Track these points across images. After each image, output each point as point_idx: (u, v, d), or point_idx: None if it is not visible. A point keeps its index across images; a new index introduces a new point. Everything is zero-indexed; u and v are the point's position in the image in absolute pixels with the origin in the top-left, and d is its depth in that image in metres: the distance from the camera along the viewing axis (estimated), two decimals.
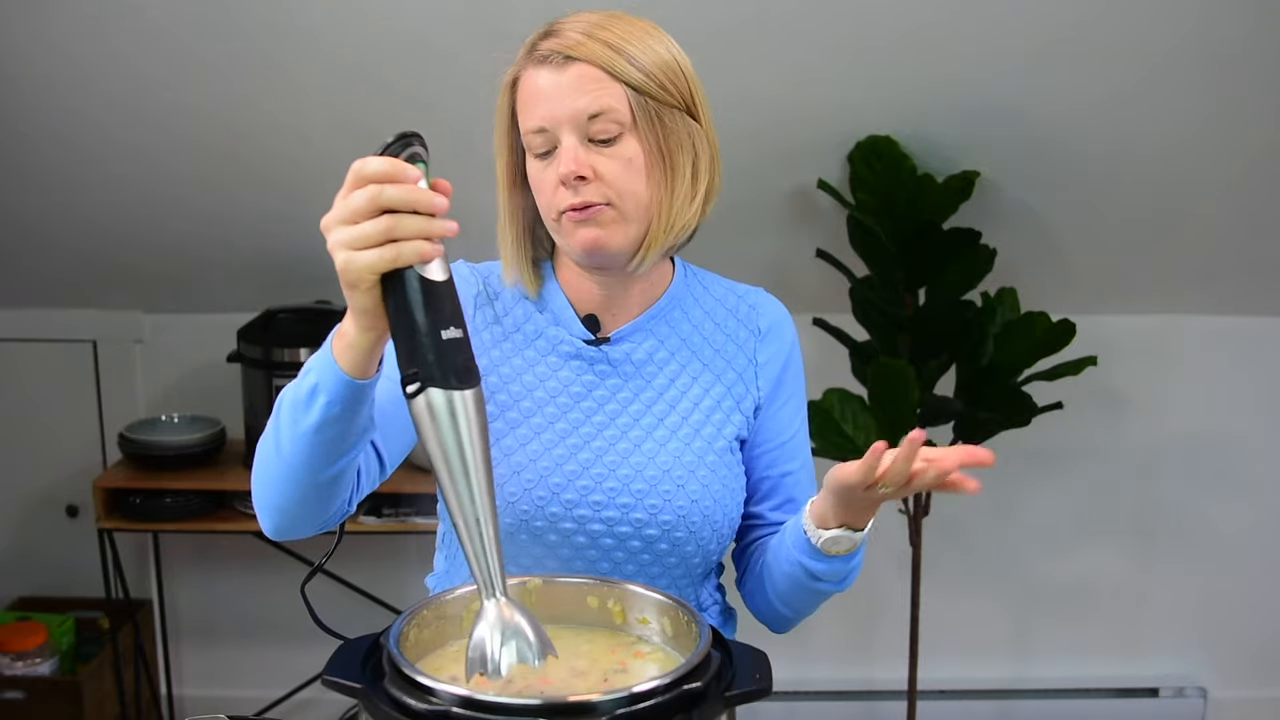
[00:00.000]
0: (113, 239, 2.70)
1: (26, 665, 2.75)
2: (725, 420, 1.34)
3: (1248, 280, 2.81)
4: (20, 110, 2.41)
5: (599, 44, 1.21)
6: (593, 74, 1.21)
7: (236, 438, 2.79)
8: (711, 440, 1.32)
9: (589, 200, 1.22)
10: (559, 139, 1.22)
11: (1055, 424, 2.60)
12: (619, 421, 1.31)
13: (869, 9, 2.19)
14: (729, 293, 1.41)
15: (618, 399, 1.31)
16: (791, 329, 1.41)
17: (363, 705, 0.97)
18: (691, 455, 1.30)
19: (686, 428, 1.31)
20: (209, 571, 3.03)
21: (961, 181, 2.42)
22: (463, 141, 2.59)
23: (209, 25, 2.22)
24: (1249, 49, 2.23)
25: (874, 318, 2.55)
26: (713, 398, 1.34)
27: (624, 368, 1.32)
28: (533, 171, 1.27)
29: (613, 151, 1.22)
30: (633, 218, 1.24)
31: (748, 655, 1.03)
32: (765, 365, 1.37)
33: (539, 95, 1.23)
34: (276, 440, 1.11)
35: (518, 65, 1.27)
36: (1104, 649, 3.05)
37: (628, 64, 1.21)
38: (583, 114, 1.21)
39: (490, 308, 1.35)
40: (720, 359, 1.36)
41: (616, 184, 1.22)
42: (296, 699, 2.92)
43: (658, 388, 1.33)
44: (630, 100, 1.21)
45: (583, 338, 1.33)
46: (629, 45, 1.22)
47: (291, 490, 1.13)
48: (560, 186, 1.23)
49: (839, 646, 3.06)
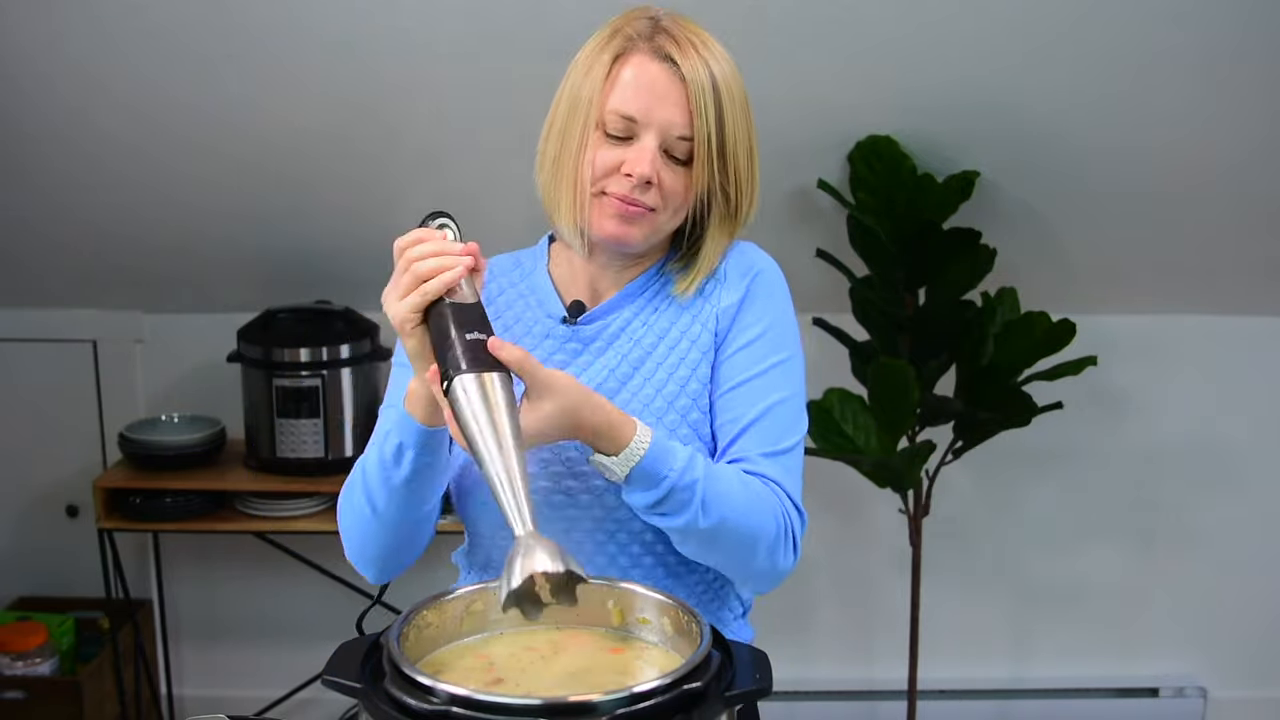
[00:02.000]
0: (113, 239, 2.70)
1: (26, 665, 2.75)
2: (690, 377, 1.33)
3: (1248, 280, 2.81)
4: (21, 110, 2.41)
5: (706, 70, 1.28)
6: (694, 102, 1.27)
7: (236, 438, 2.79)
8: (673, 399, 1.32)
9: (643, 202, 1.29)
10: (641, 134, 1.28)
11: (1055, 424, 2.60)
12: None
13: (869, 9, 2.19)
14: (716, 256, 1.40)
15: (588, 373, 1.34)
16: (763, 275, 1.38)
17: (363, 705, 0.97)
18: (650, 416, 1.31)
19: (649, 388, 1.32)
20: (209, 571, 3.03)
21: (961, 181, 2.42)
22: (462, 141, 2.60)
23: (210, 25, 2.22)
24: (1249, 49, 2.23)
25: (874, 318, 2.55)
26: (678, 355, 1.34)
27: (594, 344, 1.36)
28: (597, 144, 1.30)
29: (681, 171, 1.30)
30: (663, 228, 1.33)
31: (748, 655, 1.04)
32: (727, 309, 1.36)
33: (645, 87, 1.28)
34: (369, 501, 1.29)
35: (627, 42, 1.30)
36: (1104, 649, 3.05)
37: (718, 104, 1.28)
38: (675, 128, 1.28)
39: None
40: (687, 316, 1.36)
41: (671, 200, 1.30)
42: (296, 699, 2.92)
43: (632, 361, 1.34)
44: (711, 141, 1.28)
45: (559, 318, 1.38)
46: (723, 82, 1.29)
47: (390, 539, 1.32)
48: (621, 175, 1.28)
49: (839, 646, 3.06)
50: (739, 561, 1.28)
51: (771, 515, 1.26)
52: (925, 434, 2.57)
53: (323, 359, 2.61)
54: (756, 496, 1.26)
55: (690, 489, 1.21)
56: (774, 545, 1.27)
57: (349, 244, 2.68)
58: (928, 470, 2.60)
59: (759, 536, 1.25)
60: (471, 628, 1.15)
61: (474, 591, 1.15)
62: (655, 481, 1.20)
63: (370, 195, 2.59)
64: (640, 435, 1.20)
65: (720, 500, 1.22)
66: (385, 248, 1.23)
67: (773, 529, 1.26)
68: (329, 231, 2.67)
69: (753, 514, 1.25)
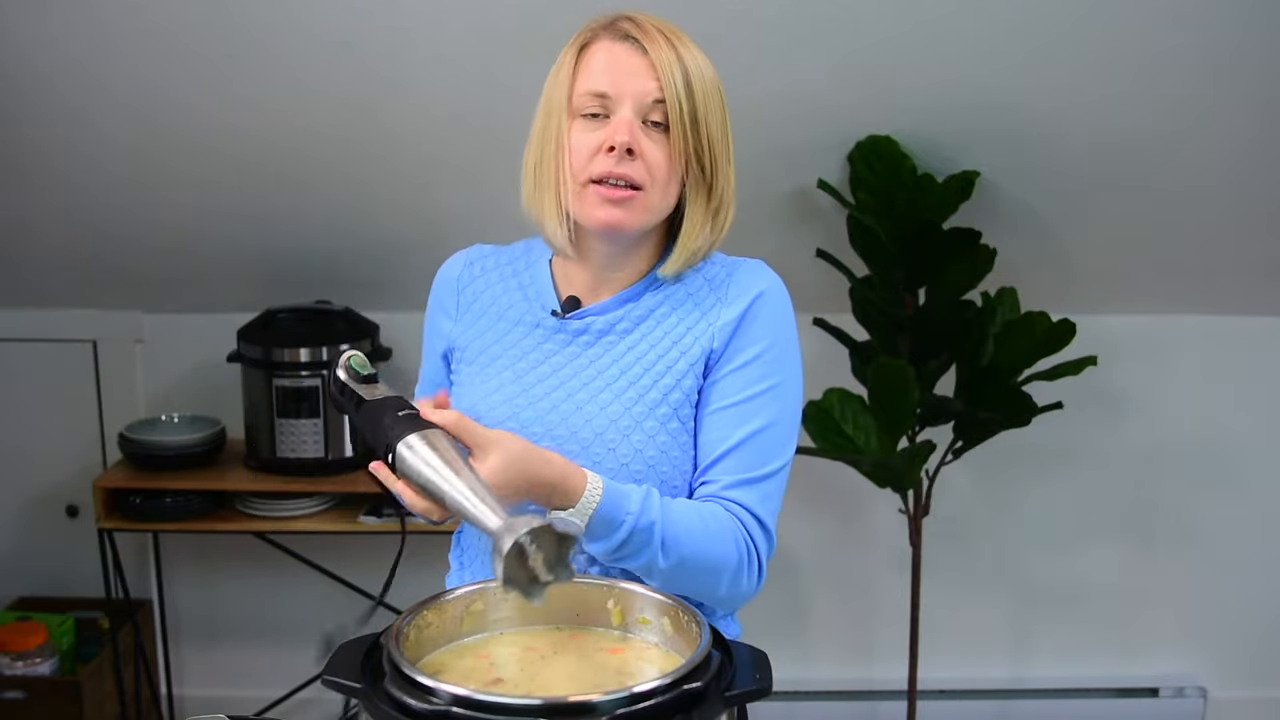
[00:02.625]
0: (113, 239, 2.70)
1: (26, 665, 2.75)
2: (674, 386, 1.34)
3: (1248, 280, 2.81)
4: (20, 110, 2.41)
5: (670, 47, 1.30)
6: (660, 69, 1.29)
7: (236, 438, 2.79)
8: (654, 405, 1.33)
9: (628, 174, 1.29)
10: (616, 108, 1.30)
11: (1055, 424, 2.60)
12: (567, 385, 1.35)
13: (869, 9, 2.19)
14: (717, 265, 1.41)
15: (572, 365, 1.36)
16: (766, 295, 1.37)
17: (363, 705, 0.97)
18: (629, 420, 1.32)
19: (632, 392, 1.33)
20: (209, 571, 3.03)
21: (961, 181, 2.41)
22: (462, 141, 2.59)
23: (209, 25, 2.22)
24: (1248, 49, 2.23)
25: (874, 318, 2.55)
26: (665, 364, 1.35)
27: (582, 338, 1.38)
28: (574, 133, 1.32)
29: (660, 141, 1.30)
30: (655, 208, 1.33)
31: (748, 655, 1.04)
32: (724, 326, 1.35)
33: (611, 64, 1.30)
34: None
35: (590, 33, 1.34)
36: (1104, 649, 3.05)
37: (685, 75, 1.30)
38: (648, 95, 1.29)
39: (472, 285, 1.46)
40: (682, 325, 1.37)
41: (655, 170, 1.31)
42: (296, 699, 2.92)
43: (614, 356, 1.36)
44: (682, 104, 1.29)
45: (550, 310, 1.40)
46: (692, 62, 1.31)
47: None
48: (602, 153, 1.29)
49: (839, 646, 3.06)
50: (702, 591, 1.30)
51: (733, 544, 1.28)
52: (925, 434, 2.57)
53: (323, 359, 2.61)
54: (716, 529, 1.28)
55: (648, 530, 1.23)
56: (736, 574, 1.29)
57: (349, 244, 2.68)
58: (928, 470, 2.60)
59: (720, 568, 1.28)
60: (471, 628, 1.15)
61: (474, 591, 1.16)
62: (614, 527, 1.22)
63: (370, 195, 2.59)
64: (592, 483, 1.21)
65: (678, 539, 1.24)
66: (385, 248, 1.24)
67: (734, 558, 1.28)
68: (329, 231, 2.67)
69: (712, 546, 1.27)
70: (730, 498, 1.31)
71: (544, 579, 1.03)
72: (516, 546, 1.01)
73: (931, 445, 2.43)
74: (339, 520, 2.64)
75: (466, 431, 1.17)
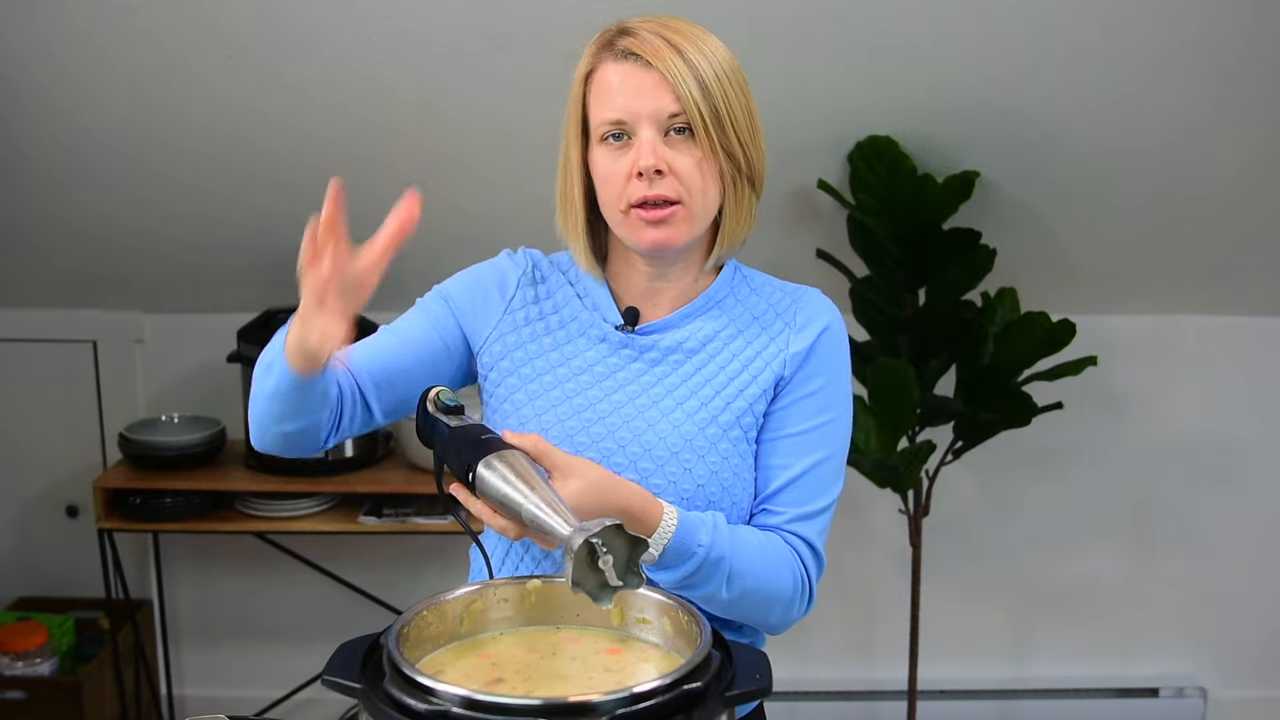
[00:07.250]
0: (113, 239, 2.70)
1: (27, 665, 2.75)
2: (746, 409, 1.34)
3: (1248, 280, 2.81)
4: (17, 113, 2.41)
5: (674, 52, 1.27)
6: (672, 80, 1.27)
7: (236, 438, 2.79)
8: (727, 428, 1.33)
9: (664, 194, 1.28)
10: (636, 131, 1.28)
11: (1055, 424, 2.60)
12: (637, 401, 1.34)
13: (869, 9, 2.19)
14: (778, 290, 1.42)
15: (640, 381, 1.35)
16: (831, 330, 1.38)
17: (363, 705, 0.97)
18: (704, 440, 1.32)
19: (704, 412, 1.33)
20: (209, 571, 3.03)
21: (961, 181, 2.42)
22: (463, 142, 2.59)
23: (205, 27, 2.22)
24: (1248, 49, 2.23)
25: (874, 318, 2.55)
26: (736, 387, 1.34)
27: (649, 354, 1.36)
28: (601, 161, 1.31)
29: (686, 148, 1.29)
30: (699, 216, 1.31)
31: (748, 655, 1.03)
32: (795, 355, 1.36)
33: (621, 88, 1.28)
34: (254, 384, 1.31)
35: (592, 59, 1.32)
36: (1104, 649, 3.05)
37: (698, 76, 1.27)
38: (664, 111, 1.27)
39: (533, 289, 1.42)
40: (751, 349, 1.37)
41: (688, 180, 1.29)
42: (296, 699, 2.92)
43: (683, 374, 1.35)
44: (700, 109, 1.27)
45: (614, 324, 1.38)
46: (701, 58, 1.28)
47: (261, 427, 1.32)
48: (633, 178, 1.28)
49: (839, 646, 3.06)
50: (754, 619, 1.33)
51: (790, 576, 1.31)
52: (925, 434, 2.57)
53: None
54: (775, 561, 1.30)
55: (718, 564, 1.24)
56: (789, 604, 1.32)
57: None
58: (928, 470, 2.60)
59: (776, 599, 1.30)
60: (471, 628, 1.15)
61: (474, 591, 1.15)
62: (685, 557, 1.23)
63: (370, 196, 2.58)
64: (668, 513, 1.23)
65: (743, 574, 1.26)
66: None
67: (789, 591, 1.31)
68: None
69: (772, 580, 1.29)
70: (792, 530, 1.33)
71: (613, 584, 1.04)
72: (587, 546, 1.01)
73: (931, 445, 2.43)
74: (339, 520, 2.64)
75: (546, 455, 1.18)
